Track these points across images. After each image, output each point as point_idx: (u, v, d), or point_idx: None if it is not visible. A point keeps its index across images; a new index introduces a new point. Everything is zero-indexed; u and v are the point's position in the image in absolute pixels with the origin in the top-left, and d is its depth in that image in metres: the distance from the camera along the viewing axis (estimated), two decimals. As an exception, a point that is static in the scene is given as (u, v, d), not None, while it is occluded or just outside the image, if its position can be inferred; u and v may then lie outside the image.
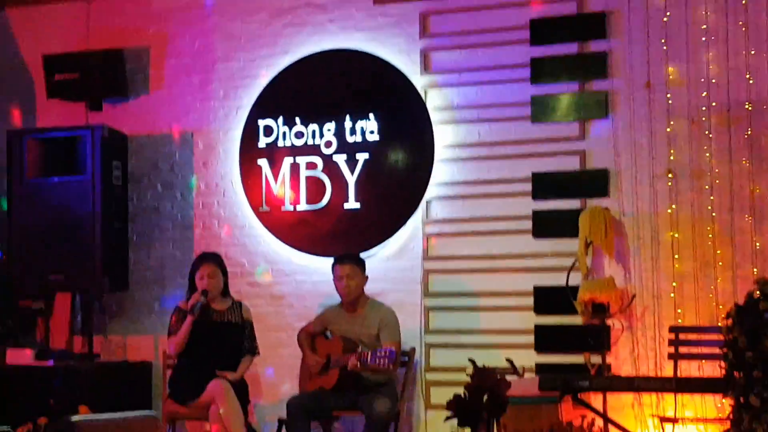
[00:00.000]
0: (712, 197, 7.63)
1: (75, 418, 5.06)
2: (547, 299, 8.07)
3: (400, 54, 8.65)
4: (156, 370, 8.90)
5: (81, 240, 8.68)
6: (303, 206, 8.83)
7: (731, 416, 5.49)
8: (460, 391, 5.91)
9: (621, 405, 7.55)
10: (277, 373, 8.82)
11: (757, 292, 5.41)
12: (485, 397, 5.28)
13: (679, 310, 7.65)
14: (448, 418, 5.37)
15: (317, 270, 8.71)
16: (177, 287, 8.94)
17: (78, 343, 9.22)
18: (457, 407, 5.32)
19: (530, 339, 8.09)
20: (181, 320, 7.91)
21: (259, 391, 8.74)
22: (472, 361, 5.54)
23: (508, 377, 6.04)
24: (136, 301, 9.33)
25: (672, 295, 7.68)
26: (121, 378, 8.79)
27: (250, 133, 9.02)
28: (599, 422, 6.18)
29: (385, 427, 7.71)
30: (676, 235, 7.70)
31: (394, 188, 8.62)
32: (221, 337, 7.99)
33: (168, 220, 9.36)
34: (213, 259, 8.13)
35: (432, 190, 8.53)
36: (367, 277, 8.08)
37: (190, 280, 8.05)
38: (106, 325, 9.36)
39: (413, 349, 8.32)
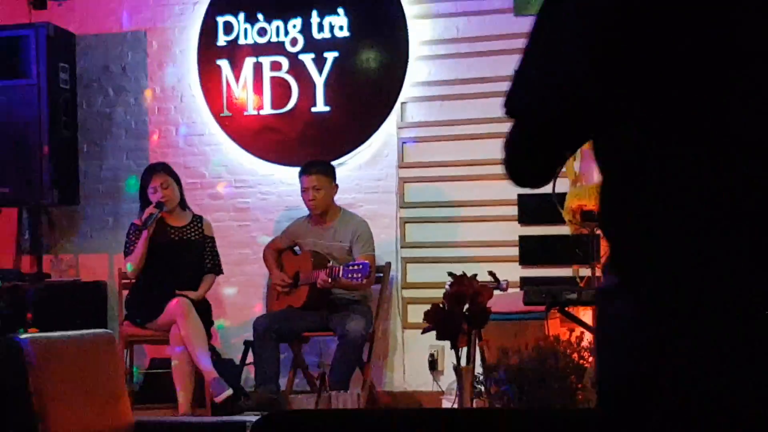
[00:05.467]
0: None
1: (23, 335, 4.96)
2: (532, 208, 8.04)
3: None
4: (111, 291, 8.89)
5: (27, 150, 8.52)
6: (267, 110, 8.80)
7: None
8: (440, 308, 5.87)
9: (612, 320, 7.61)
10: (242, 293, 8.86)
11: None
12: (466, 307, 5.11)
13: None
14: (425, 331, 5.24)
15: (283, 180, 8.74)
16: (133, 201, 8.81)
17: (26, 263, 9.21)
18: (435, 318, 5.14)
19: (514, 251, 8.14)
20: (137, 238, 7.94)
21: (223, 312, 8.76)
22: (452, 274, 5.43)
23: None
24: (89, 216, 9.30)
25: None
26: (74, 299, 8.70)
27: (208, 30, 8.91)
28: (588, 337, 6.02)
29: (359, 348, 7.79)
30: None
31: (366, 90, 8.58)
32: (181, 255, 8.03)
33: (121, 127, 9.28)
34: (162, 168, 8.12)
35: (407, 91, 8.48)
36: (336, 187, 8.08)
37: (141, 197, 8.09)
38: (56, 243, 9.34)
39: (388, 264, 8.37)
